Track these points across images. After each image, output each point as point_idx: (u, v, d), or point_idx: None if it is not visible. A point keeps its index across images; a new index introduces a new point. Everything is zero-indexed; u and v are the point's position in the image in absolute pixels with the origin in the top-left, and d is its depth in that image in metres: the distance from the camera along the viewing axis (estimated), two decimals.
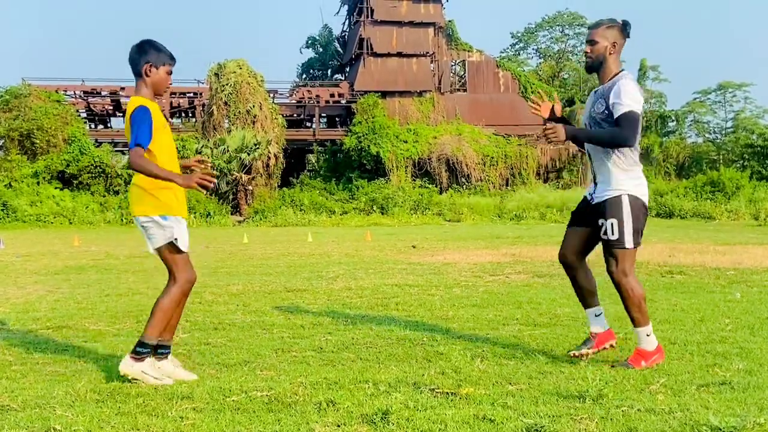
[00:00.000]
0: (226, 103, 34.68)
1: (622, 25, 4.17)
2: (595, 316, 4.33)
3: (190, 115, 41.01)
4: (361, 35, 40.57)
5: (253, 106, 34.76)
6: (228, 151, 32.71)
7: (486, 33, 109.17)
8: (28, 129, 33.66)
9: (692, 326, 5.25)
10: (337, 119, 42.55)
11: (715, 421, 2.90)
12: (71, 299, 7.39)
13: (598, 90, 4.22)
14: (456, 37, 42.26)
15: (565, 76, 55.10)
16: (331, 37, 48.19)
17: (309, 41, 49.05)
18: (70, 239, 18.56)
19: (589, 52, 4.18)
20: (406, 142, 38.13)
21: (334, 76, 47.58)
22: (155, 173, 3.80)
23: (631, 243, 4.07)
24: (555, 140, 4.06)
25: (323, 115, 42.56)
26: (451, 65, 42.89)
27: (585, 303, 4.37)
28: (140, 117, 3.82)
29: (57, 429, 3.02)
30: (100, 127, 40.70)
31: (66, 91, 37.98)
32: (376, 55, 40.66)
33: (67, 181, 32.56)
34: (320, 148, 39.96)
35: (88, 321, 6.00)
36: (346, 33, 46.01)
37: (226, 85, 34.67)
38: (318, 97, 40.42)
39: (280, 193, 35.17)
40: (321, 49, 48.67)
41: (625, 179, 4.10)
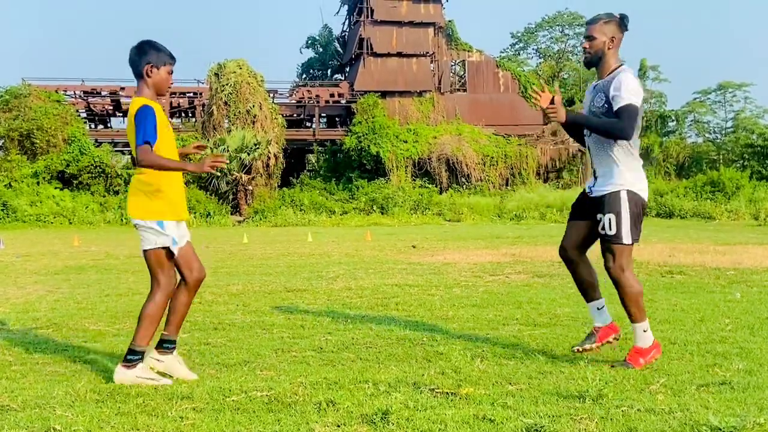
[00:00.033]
0: (226, 103, 34.68)
1: (620, 19, 4.16)
2: (597, 309, 4.34)
3: (190, 115, 40.99)
4: (361, 35, 40.56)
5: (253, 106, 34.76)
6: (228, 151, 32.70)
7: (486, 33, 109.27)
8: (28, 129, 33.64)
9: (692, 326, 5.26)
10: (337, 119, 42.54)
11: (715, 421, 2.90)
12: (71, 299, 7.39)
13: (597, 84, 4.22)
14: (456, 37, 42.25)
15: (565, 76, 55.09)
16: (331, 37, 48.18)
17: (309, 41, 49.05)
18: (70, 239, 18.56)
19: (588, 47, 4.18)
20: (406, 142, 38.12)
21: (334, 76, 47.57)
22: (167, 166, 3.86)
23: (628, 239, 4.07)
24: (554, 119, 4.10)
25: (323, 115, 42.55)
26: (451, 65, 42.88)
27: (586, 296, 4.38)
28: (144, 116, 3.84)
29: (57, 429, 3.02)
30: (100, 127, 40.67)
31: (66, 91, 37.96)
32: (376, 55, 40.65)
33: (67, 181, 32.56)
34: (320, 148, 39.95)
35: (88, 321, 6.00)
36: (346, 33, 46.00)
37: (226, 85, 34.68)
38: (318, 97, 40.41)
39: (280, 193, 35.17)
40: (321, 49, 48.66)
41: (625, 174, 4.10)
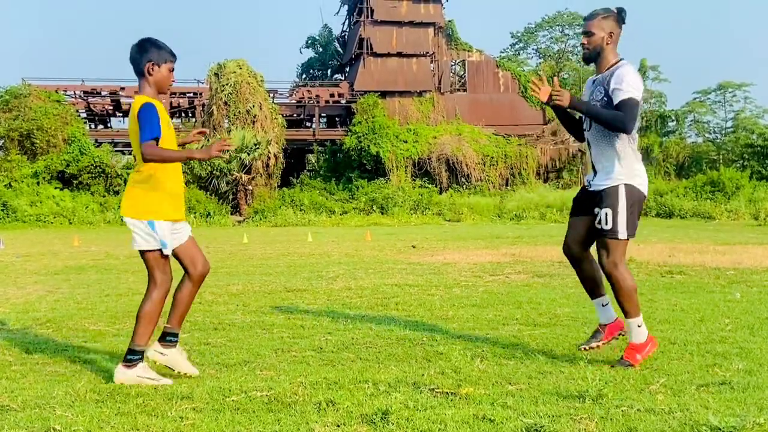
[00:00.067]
0: (226, 103, 34.68)
1: (618, 13, 4.15)
2: (602, 306, 4.34)
3: (190, 115, 40.98)
4: (361, 35, 40.57)
5: (253, 106, 34.77)
6: (228, 151, 32.72)
7: (486, 33, 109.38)
8: (28, 129, 33.65)
9: (692, 326, 5.25)
10: (337, 119, 42.55)
11: (715, 421, 2.90)
12: (71, 299, 7.39)
13: (596, 78, 4.20)
14: (456, 37, 42.26)
15: (565, 76, 55.04)
16: (331, 37, 48.19)
17: (309, 41, 49.06)
18: (70, 239, 18.56)
19: (586, 43, 4.17)
20: (406, 142, 38.13)
21: (334, 76, 47.57)
22: (173, 157, 3.89)
23: (624, 234, 4.06)
24: (558, 102, 4.04)
25: (323, 115, 42.56)
26: (451, 65, 42.89)
27: (591, 293, 4.38)
28: (147, 113, 3.84)
29: (57, 429, 3.02)
30: (100, 127, 40.68)
31: (66, 91, 37.97)
32: (376, 55, 40.66)
33: (67, 181, 32.57)
34: (320, 148, 39.96)
35: (88, 321, 6.00)
36: (346, 33, 46.01)
37: (226, 85, 34.68)
38: (318, 97, 40.41)
39: (280, 193, 35.17)
40: (321, 49, 48.66)
41: (624, 168, 4.09)
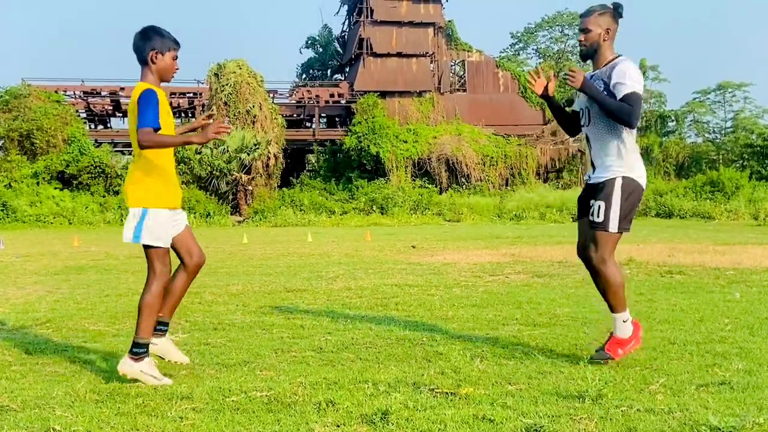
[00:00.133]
0: (225, 103, 34.68)
1: (614, 9, 4.14)
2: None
3: (190, 115, 40.99)
4: (360, 35, 40.57)
5: (253, 106, 34.77)
6: (228, 152, 32.71)
7: (486, 33, 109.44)
8: (27, 129, 33.65)
9: (692, 326, 5.25)
10: (337, 119, 42.56)
11: (715, 421, 2.91)
12: (71, 299, 7.39)
13: (594, 74, 4.18)
14: (456, 37, 42.27)
15: (565, 77, 55.06)
16: (331, 37, 48.20)
17: (309, 41, 49.08)
18: (70, 239, 18.56)
19: (583, 40, 4.17)
20: (406, 142, 38.14)
21: (334, 76, 47.59)
22: (169, 142, 3.89)
23: (615, 227, 4.03)
24: (572, 83, 4.01)
25: (323, 115, 42.57)
26: (451, 65, 42.89)
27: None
28: (147, 99, 3.82)
29: (56, 429, 3.02)
30: (100, 128, 40.68)
31: (66, 92, 37.97)
32: (375, 55, 40.67)
33: (66, 181, 32.57)
34: (320, 148, 39.96)
35: (88, 321, 6.00)
36: (346, 33, 46.02)
37: (226, 85, 34.68)
38: (318, 97, 40.42)
39: (280, 193, 35.17)
40: (321, 49, 48.68)
41: (622, 162, 4.08)
